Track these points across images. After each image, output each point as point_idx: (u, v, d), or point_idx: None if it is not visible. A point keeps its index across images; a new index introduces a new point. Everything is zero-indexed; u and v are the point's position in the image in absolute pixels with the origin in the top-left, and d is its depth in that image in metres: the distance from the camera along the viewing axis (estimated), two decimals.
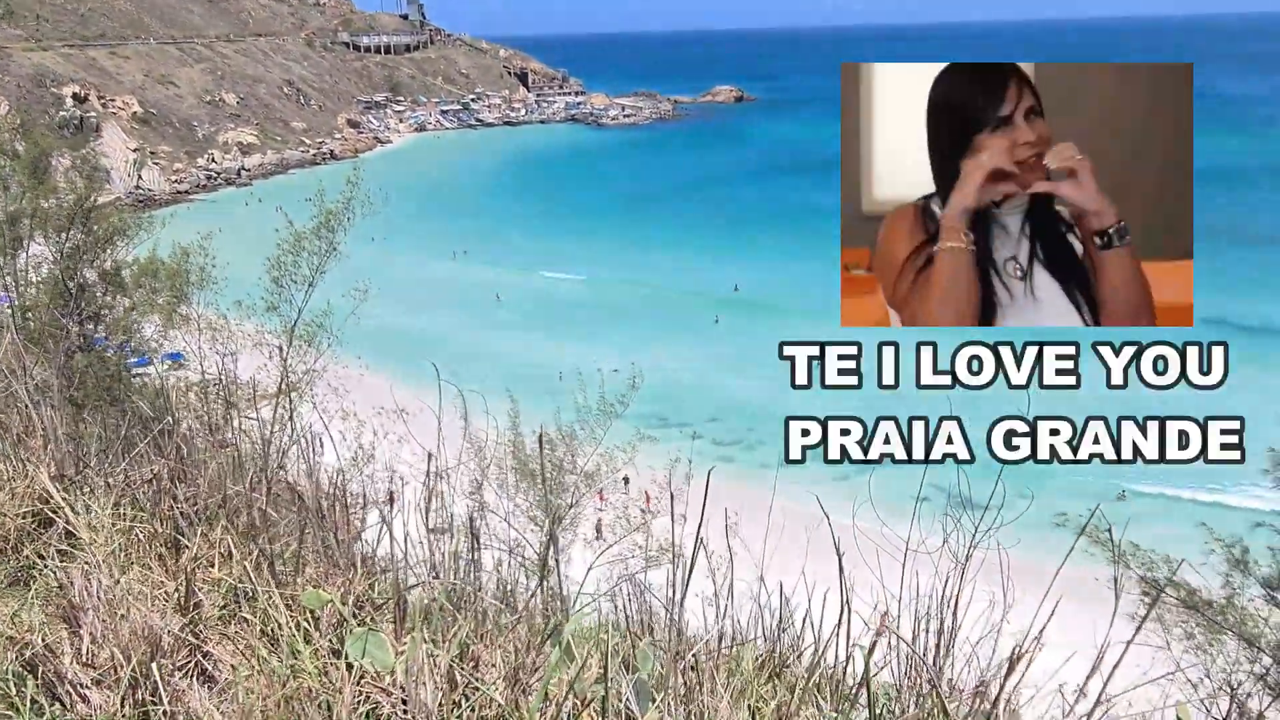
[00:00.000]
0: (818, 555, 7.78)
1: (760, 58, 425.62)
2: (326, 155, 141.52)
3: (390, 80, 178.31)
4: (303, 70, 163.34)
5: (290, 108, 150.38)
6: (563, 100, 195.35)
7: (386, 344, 53.46)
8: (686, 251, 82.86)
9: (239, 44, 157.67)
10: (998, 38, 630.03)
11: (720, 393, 51.88)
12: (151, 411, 3.86)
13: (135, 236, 19.65)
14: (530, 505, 14.22)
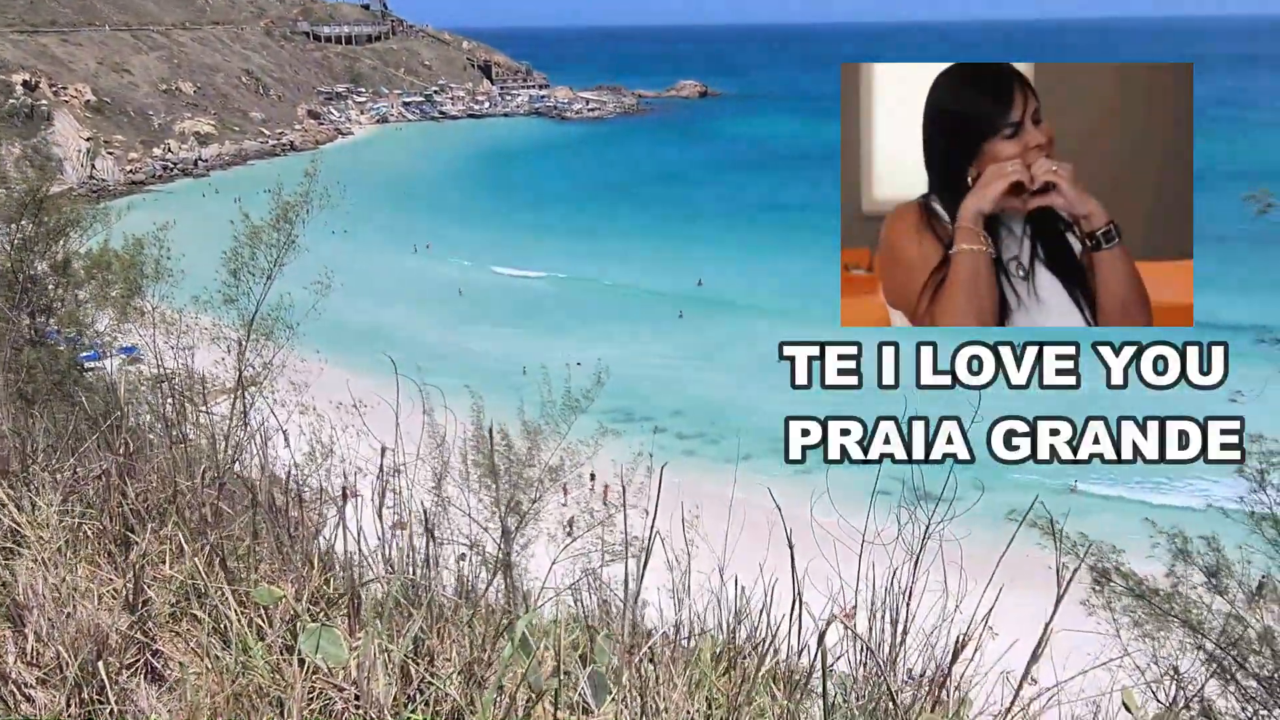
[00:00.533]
0: (777, 548, 7.83)
1: (726, 53, 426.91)
2: (286, 146, 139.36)
3: (351, 71, 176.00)
4: (262, 60, 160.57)
5: (249, 98, 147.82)
6: (527, 93, 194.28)
7: (348, 338, 52.90)
8: (650, 246, 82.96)
9: (196, 32, 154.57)
10: (969, 35, 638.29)
11: (684, 387, 52.08)
12: (103, 406, 3.79)
13: (89, 228, 19.22)
14: (492, 501, 14.18)
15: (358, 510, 3.40)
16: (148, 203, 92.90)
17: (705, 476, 35.50)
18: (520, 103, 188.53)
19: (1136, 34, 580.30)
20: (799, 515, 10.74)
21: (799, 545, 4.05)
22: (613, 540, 18.18)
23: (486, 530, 12.16)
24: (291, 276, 14.40)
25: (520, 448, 14.90)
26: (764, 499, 14.87)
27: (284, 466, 3.28)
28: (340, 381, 42.09)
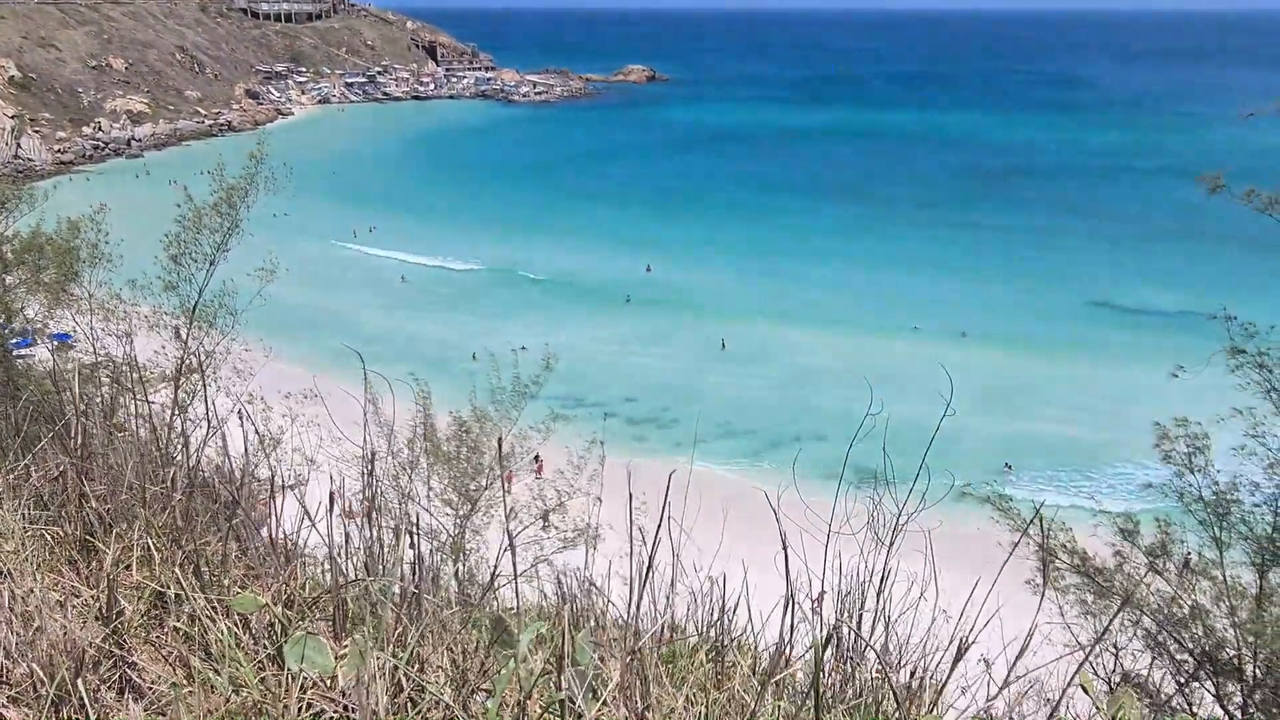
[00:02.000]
0: (736, 535, 7.88)
1: (675, 38, 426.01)
2: (224, 126, 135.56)
3: (291, 50, 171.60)
4: (197, 37, 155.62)
5: (184, 76, 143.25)
6: (473, 75, 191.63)
7: (292, 324, 51.79)
8: (599, 232, 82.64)
9: (127, 7, 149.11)
10: (908, 25, 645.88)
11: (634, 373, 52.10)
12: (46, 401, 3.62)
13: (15, 209, 18.46)
14: (444, 488, 14.02)
15: (312, 500, 3.32)
16: (77, 184, 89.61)
17: (657, 461, 35.60)
18: (466, 85, 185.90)
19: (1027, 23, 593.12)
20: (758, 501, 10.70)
21: (764, 532, 4.06)
22: (565, 527, 18.16)
23: (439, 522, 12.03)
24: (232, 261, 14.02)
25: (472, 435, 14.76)
26: (715, 483, 15.08)
27: (233, 459, 3.17)
28: (284, 369, 41.33)
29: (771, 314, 60.77)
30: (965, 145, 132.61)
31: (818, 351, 54.33)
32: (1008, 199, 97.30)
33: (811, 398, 47.78)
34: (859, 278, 68.48)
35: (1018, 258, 73.92)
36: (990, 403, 45.13)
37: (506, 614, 2.29)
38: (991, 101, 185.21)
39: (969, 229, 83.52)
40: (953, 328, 57.07)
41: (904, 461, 3.97)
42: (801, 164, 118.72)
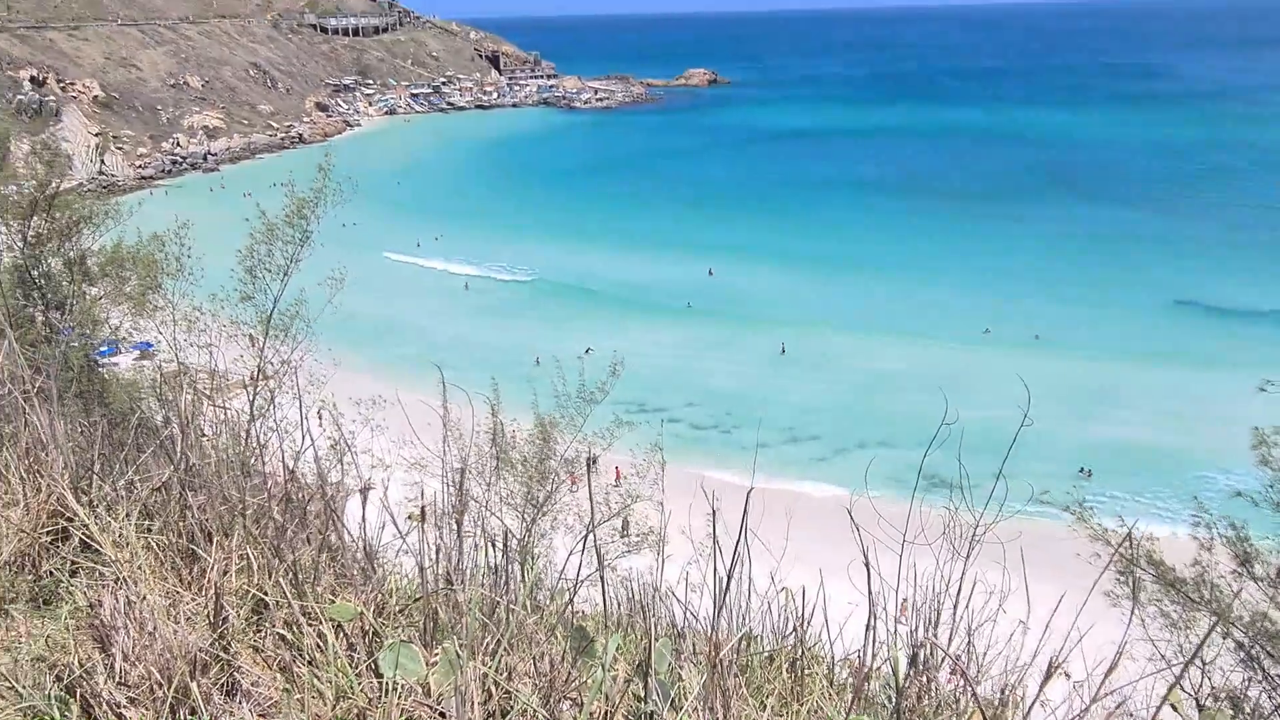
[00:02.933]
0: (804, 542, 7.78)
1: (738, 40, 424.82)
2: (295, 139, 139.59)
3: (359, 63, 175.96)
4: (269, 53, 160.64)
5: (257, 91, 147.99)
6: (535, 83, 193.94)
7: (358, 333, 53.00)
8: (659, 236, 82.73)
9: (203, 25, 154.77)
10: (984, 20, 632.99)
11: (696, 378, 52.01)
12: (147, 411, 3.76)
13: (101, 224, 19.25)
14: (512, 493, 14.14)
15: (386, 505, 3.38)
16: (157, 198, 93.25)
17: (721, 465, 35.46)
18: (528, 93, 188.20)
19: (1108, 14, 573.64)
20: (829, 507, 10.77)
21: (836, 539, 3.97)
22: (629, 532, 18.16)
23: (505, 523, 12.16)
24: (304, 271, 14.39)
25: (541, 439, 14.87)
26: (784, 488, 14.86)
27: (318, 467, 3.24)
28: (354, 376, 42.27)
29: (834, 318, 60.04)
30: (1039, 142, 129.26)
31: (884, 356, 53.48)
32: (1083, 197, 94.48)
33: (878, 404, 47.05)
34: (925, 280, 67.16)
35: (1094, 258, 71.65)
36: (1067, 408, 43.88)
37: (585, 620, 2.30)
38: (1066, 96, 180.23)
39: (1042, 229, 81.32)
40: (1026, 331, 55.61)
41: (979, 468, 3.86)
42: (866, 165, 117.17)
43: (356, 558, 2.63)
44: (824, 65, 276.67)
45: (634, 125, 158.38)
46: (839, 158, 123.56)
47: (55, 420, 2.79)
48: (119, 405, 9.39)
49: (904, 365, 51.83)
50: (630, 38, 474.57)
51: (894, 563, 2.90)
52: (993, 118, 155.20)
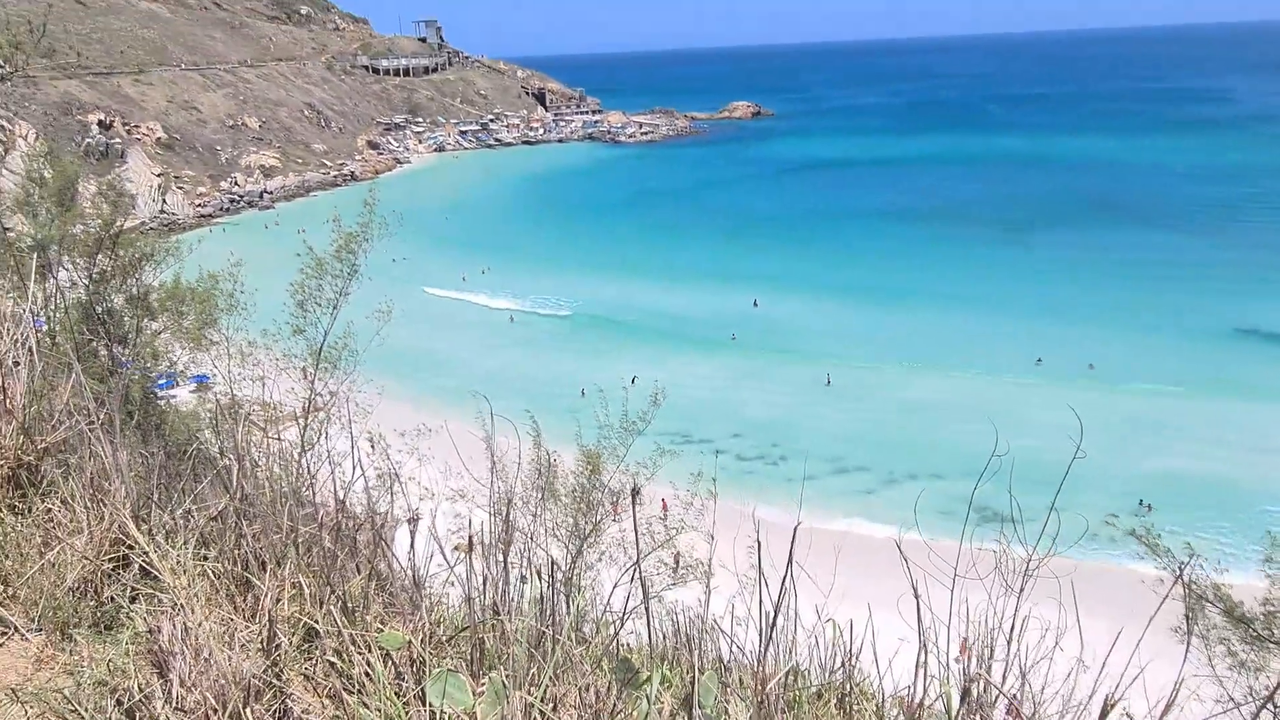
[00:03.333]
0: (852, 573, 7.66)
1: (780, 73, 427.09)
2: (347, 176, 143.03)
3: (409, 102, 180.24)
4: (323, 94, 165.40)
5: (311, 130, 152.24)
6: (580, 119, 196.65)
7: (405, 365, 53.70)
8: (702, 268, 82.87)
9: (261, 69, 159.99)
10: (1027, 48, 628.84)
11: (740, 409, 51.73)
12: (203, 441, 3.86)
13: (162, 261, 19.89)
14: (556, 524, 14.16)
15: (432, 535, 3.41)
16: (216, 235, 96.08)
17: (767, 497, 35.09)
18: (574, 128, 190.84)
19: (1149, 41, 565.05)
20: (876, 540, 10.62)
21: (883, 573, 3.90)
22: (672, 562, 18.03)
23: (550, 553, 12.17)
24: (352, 304, 14.71)
25: (585, 469, 14.90)
26: (832, 520, 14.69)
27: (367, 497, 3.29)
28: (401, 407, 42.79)
29: (881, 348, 59.42)
30: (1085, 168, 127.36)
31: (932, 387, 52.72)
32: (1134, 223, 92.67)
33: (927, 435, 46.33)
34: (974, 309, 66.22)
35: (1147, 285, 70.04)
36: (1122, 439, 42.77)
37: (630, 652, 2.29)
38: (1114, 122, 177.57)
39: (1092, 256, 79.86)
40: (1078, 361, 54.45)
41: (1031, 502, 3.78)
42: (911, 194, 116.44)
43: (405, 586, 2.66)
44: (866, 95, 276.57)
45: (678, 158, 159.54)
46: (883, 187, 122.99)
47: (118, 451, 2.88)
48: (177, 436, 9.63)
49: (953, 396, 51.03)
50: (674, 73, 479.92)
51: (944, 597, 2.84)
52: (1036, 144, 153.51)
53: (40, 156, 22.66)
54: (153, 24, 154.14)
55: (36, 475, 3.06)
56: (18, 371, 3.06)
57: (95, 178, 23.91)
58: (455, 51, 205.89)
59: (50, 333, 16.59)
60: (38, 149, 26.93)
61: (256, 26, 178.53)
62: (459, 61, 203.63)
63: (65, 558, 2.67)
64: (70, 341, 12.60)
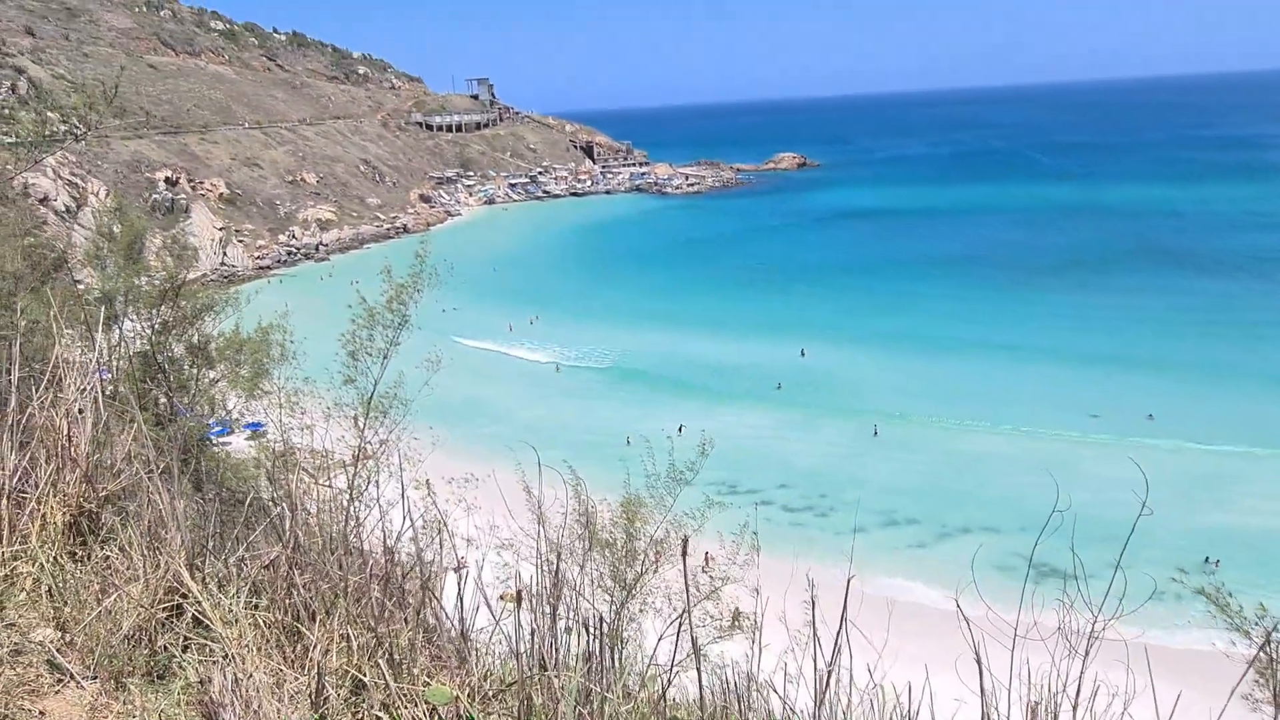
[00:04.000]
0: (904, 630, 7.44)
1: (827, 124, 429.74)
2: (399, 229, 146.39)
3: (461, 156, 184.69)
4: (378, 149, 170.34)
5: (366, 185, 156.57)
6: (627, 171, 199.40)
7: (451, 413, 54.16)
8: (747, 318, 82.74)
9: (320, 126, 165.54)
10: (1068, 97, 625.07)
11: (787, 459, 51.14)
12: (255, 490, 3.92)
13: (221, 312, 20.48)
14: (601, 575, 14.03)
15: (477, 583, 3.40)
16: (273, 286, 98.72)
17: (816, 549, 34.46)
18: (621, 180, 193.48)
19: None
20: (926, 601, 10.32)
21: (937, 630, 3.78)
22: (718, 615, 17.71)
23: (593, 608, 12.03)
24: (402, 354, 14.94)
25: (630, 520, 14.78)
26: (884, 574, 14.37)
27: (415, 548, 3.30)
28: (447, 457, 43.03)
29: (930, 398, 58.47)
30: (1137, 215, 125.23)
31: (983, 439, 51.63)
32: (1189, 271, 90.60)
33: (979, 488, 45.28)
34: (1026, 359, 64.96)
35: (1206, 335, 68.16)
36: (1184, 494, 41.31)
37: (677, 708, 2.24)
38: (1164, 170, 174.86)
39: (1147, 305, 78.11)
40: (1137, 413, 52.92)
41: (1092, 558, 3.64)
42: (957, 242, 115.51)
43: (452, 638, 2.64)
44: (911, 145, 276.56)
45: (724, 209, 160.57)
46: (930, 236, 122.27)
47: (175, 499, 2.94)
48: (231, 483, 9.81)
49: (1005, 448, 49.91)
50: (720, 125, 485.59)
51: (1004, 659, 2.74)
52: (1085, 192, 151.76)
53: (110, 212, 23.59)
54: (219, 85, 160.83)
55: (97, 522, 3.13)
56: (84, 421, 3.15)
57: (161, 232, 24.76)
58: (506, 107, 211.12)
59: (113, 381, 17.10)
60: (108, 205, 28.03)
61: (316, 86, 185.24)
62: (509, 117, 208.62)
63: (121, 605, 2.71)
64: (133, 391, 12.97)
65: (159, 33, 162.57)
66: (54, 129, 12.51)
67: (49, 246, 22.40)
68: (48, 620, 2.75)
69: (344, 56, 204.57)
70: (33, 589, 2.87)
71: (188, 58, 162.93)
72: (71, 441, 3.11)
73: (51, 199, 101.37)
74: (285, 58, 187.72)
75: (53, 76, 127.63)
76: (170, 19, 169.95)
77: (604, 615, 10.17)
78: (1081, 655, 2.54)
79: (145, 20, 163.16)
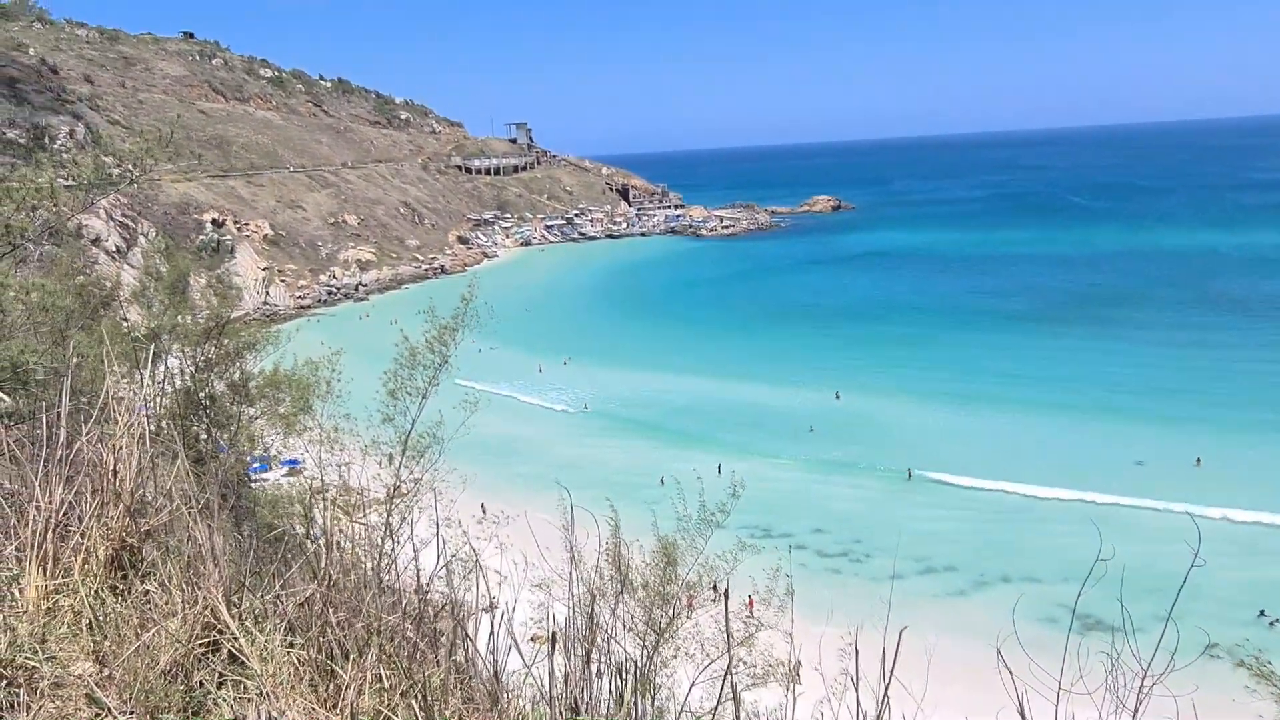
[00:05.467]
0: (943, 680, 7.24)
1: (859, 168, 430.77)
2: (437, 270, 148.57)
3: (499, 199, 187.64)
4: (418, 192, 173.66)
5: (406, 226, 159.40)
6: (662, 213, 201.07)
7: (485, 452, 54.32)
8: (785, 358, 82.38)
9: (362, 169, 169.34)
10: (1109, 140, 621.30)
11: (821, 503, 50.50)
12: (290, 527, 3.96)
13: (262, 350, 20.84)
14: (632, 618, 13.88)
15: (513, 634, 3.38)
16: (312, 325, 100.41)
17: (852, 595, 33.84)
18: (656, 222, 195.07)
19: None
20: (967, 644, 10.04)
21: (977, 681, 3.67)
22: (752, 662, 17.38)
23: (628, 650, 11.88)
24: (440, 394, 15.06)
25: (664, 562, 14.64)
26: (923, 621, 14.01)
27: (449, 589, 3.30)
28: (480, 496, 43.05)
29: (967, 442, 57.55)
30: (1180, 259, 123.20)
31: (1023, 484, 50.57)
32: (1237, 313, 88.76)
33: (1019, 536, 44.30)
34: (1068, 404, 63.74)
35: (1258, 380, 66.52)
36: (1237, 542, 40.08)
37: None
38: (1207, 212, 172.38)
39: (1192, 350, 76.50)
40: (1184, 458, 51.60)
41: (1139, 609, 3.54)
42: (992, 283, 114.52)
43: (484, 680, 2.63)
44: (946, 189, 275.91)
45: (757, 251, 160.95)
46: (963, 278, 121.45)
47: (214, 535, 2.97)
48: (268, 520, 9.91)
49: (1046, 494, 48.86)
50: (757, 167, 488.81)
51: (1047, 711, 2.65)
52: (1123, 234, 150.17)
53: (158, 252, 24.22)
54: (266, 130, 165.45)
55: (138, 557, 3.17)
56: (129, 456, 3.21)
57: (206, 271, 25.37)
58: (543, 151, 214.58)
59: (157, 417, 17.42)
60: (156, 245, 28.80)
61: (360, 131, 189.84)
62: (546, 160, 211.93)
63: (159, 640, 2.73)
64: (177, 428, 13.20)
65: (210, 80, 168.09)
66: (108, 173, 12.94)
67: (99, 285, 23.04)
68: (87, 654, 2.78)
69: (387, 102, 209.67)
70: (74, 622, 2.90)
71: (237, 104, 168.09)
72: (116, 476, 3.17)
73: (103, 239, 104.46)
74: (330, 103, 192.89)
75: (108, 122, 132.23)
76: (221, 67, 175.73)
77: (637, 659, 10.09)
78: (1131, 711, 2.45)
79: (198, 68, 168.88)
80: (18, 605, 2.91)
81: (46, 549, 3.01)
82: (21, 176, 11.47)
